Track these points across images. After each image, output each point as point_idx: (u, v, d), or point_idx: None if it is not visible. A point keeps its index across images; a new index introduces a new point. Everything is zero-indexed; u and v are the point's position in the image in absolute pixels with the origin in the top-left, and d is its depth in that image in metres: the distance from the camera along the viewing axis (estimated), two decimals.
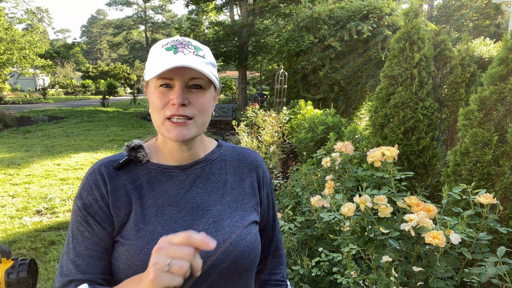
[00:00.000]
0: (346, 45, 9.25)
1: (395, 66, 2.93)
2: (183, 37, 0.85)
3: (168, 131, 0.81)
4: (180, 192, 0.87)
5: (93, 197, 0.84)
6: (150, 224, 0.82)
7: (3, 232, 3.99)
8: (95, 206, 0.84)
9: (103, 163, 0.88)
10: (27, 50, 21.62)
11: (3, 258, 1.06)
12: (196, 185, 0.89)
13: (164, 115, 0.81)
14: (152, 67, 0.81)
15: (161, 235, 0.79)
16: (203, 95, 0.83)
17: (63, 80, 39.15)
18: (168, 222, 0.83)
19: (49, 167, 6.84)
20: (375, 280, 1.36)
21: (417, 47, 2.91)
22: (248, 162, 0.99)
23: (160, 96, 0.81)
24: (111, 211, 0.83)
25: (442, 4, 28.11)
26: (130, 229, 0.82)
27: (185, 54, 0.80)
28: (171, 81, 0.80)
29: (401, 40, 2.96)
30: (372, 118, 3.07)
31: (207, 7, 21.47)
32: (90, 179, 0.86)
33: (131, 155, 0.88)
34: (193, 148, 0.90)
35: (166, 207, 0.85)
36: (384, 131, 2.96)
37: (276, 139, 6.04)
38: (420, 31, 2.93)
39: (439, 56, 3.31)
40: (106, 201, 0.84)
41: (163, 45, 0.83)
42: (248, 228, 0.90)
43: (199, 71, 0.79)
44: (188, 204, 0.86)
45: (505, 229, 1.24)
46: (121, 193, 0.85)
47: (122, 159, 0.88)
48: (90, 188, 0.85)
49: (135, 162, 0.89)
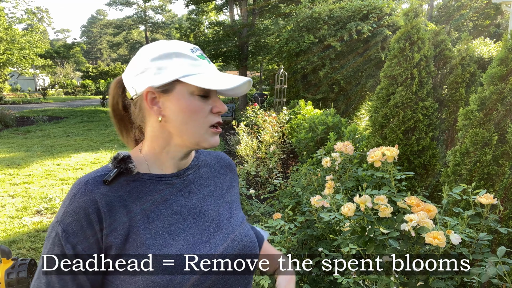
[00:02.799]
0: (346, 45, 9.25)
1: (395, 66, 2.93)
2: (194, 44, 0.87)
3: (209, 139, 0.82)
4: (180, 200, 0.85)
5: (83, 223, 0.73)
6: (159, 237, 0.77)
7: (3, 232, 3.99)
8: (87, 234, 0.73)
9: (88, 180, 0.76)
10: (27, 50, 21.62)
11: (3, 258, 1.06)
12: (192, 190, 0.88)
13: (209, 123, 0.81)
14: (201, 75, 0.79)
15: (172, 246, 0.78)
16: None
17: (63, 80, 39.14)
18: (177, 232, 0.80)
19: (49, 167, 6.84)
20: (375, 280, 1.36)
21: (417, 47, 2.91)
22: (226, 164, 1.03)
23: (202, 104, 0.80)
24: (106, 236, 0.74)
25: (442, 4, 28.11)
26: (137, 247, 0.75)
27: (210, 63, 0.83)
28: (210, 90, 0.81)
29: (401, 40, 2.96)
30: (372, 118, 3.07)
31: (207, 7, 21.47)
32: (75, 201, 0.74)
33: (121, 167, 0.79)
34: (189, 156, 0.90)
35: (171, 216, 0.81)
36: (384, 131, 2.96)
37: (276, 139, 6.04)
38: (420, 31, 2.93)
39: (439, 56, 3.31)
40: (101, 227, 0.73)
41: (192, 49, 0.82)
42: (246, 225, 0.94)
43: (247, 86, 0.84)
44: (190, 210, 0.85)
45: (505, 229, 1.24)
46: (117, 212, 0.75)
47: (111, 173, 0.78)
48: (78, 213, 0.73)
49: (125, 175, 0.80)
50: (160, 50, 0.80)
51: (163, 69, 0.78)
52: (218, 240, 0.84)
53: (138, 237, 0.75)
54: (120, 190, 0.78)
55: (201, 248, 0.80)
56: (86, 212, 0.73)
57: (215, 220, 0.87)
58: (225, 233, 0.87)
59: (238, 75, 6.50)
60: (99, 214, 0.73)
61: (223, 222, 0.88)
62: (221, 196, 0.94)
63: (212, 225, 0.86)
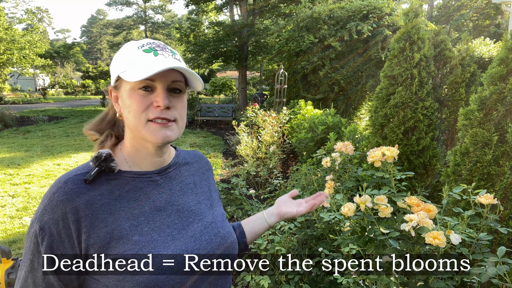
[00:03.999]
0: (346, 45, 9.25)
1: (395, 66, 2.93)
2: (157, 40, 0.85)
3: (152, 133, 0.78)
4: (163, 196, 0.85)
5: (59, 222, 0.72)
6: (145, 234, 0.78)
7: (3, 232, 3.98)
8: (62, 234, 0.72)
9: (68, 178, 0.77)
10: (27, 50, 21.60)
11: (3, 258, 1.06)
12: (174, 188, 0.89)
13: (146, 118, 0.78)
14: (133, 69, 0.77)
15: (159, 242, 0.78)
16: (182, 99, 0.84)
17: (63, 80, 39.13)
18: (161, 228, 0.81)
19: (49, 167, 6.84)
20: (375, 280, 1.36)
21: (417, 47, 2.91)
22: (204, 163, 1.06)
23: (141, 99, 0.78)
24: (87, 236, 0.73)
25: (442, 4, 28.10)
26: (124, 244, 0.75)
27: (165, 57, 0.79)
28: (153, 82, 0.78)
29: (401, 40, 2.96)
30: (372, 118, 3.07)
31: (207, 7, 21.46)
32: (54, 199, 0.74)
33: (102, 166, 0.79)
34: (166, 153, 0.90)
35: (155, 213, 0.82)
36: (384, 131, 2.96)
37: (276, 139, 6.04)
38: (420, 31, 2.93)
39: (439, 56, 3.31)
40: (79, 226, 0.73)
41: (138, 47, 0.81)
42: (226, 221, 0.97)
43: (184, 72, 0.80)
44: (174, 207, 0.86)
45: (505, 229, 1.24)
46: (99, 211, 0.75)
47: (92, 171, 0.78)
48: (55, 212, 0.73)
49: (106, 173, 0.80)
50: (118, 52, 0.85)
51: (114, 69, 0.82)
52: (203, 235, 0.86)
53: (124, 234, 0.76)
54: (101, 188, 0.78)
55: (187, 244, 0.82)
56: (64, 212, 0.73)
57: (197, 216, 0.89)
58: (209, 228, 0.89)
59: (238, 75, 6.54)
60: (77, 214, 0.73)
61: (205, 218, 0.90)
62: (201, 193, 0.96)
63: (195, 221, 0.88)
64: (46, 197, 0.76)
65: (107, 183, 0.80)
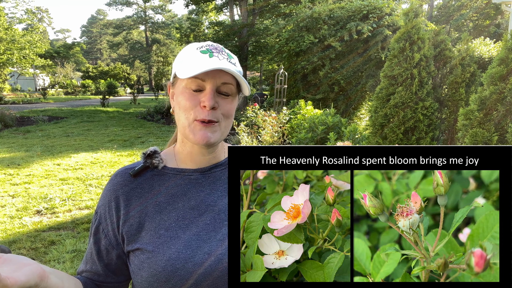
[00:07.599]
0: (346, 45, 9.25)
1: (395, 66, 2.93)
2: (216, 43, 0.86)
3: (193, 132, 0.80)
4: (200, 195, 0.85)
5: (106, 208, 0.86)
6: (171, 229, 0.81)
7: (3, 232, 3.99)
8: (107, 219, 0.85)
9: (119, 172, 0.89)
10: (27, 50, 21.62)
11: None
12: (217, 188, 0.87)
13: (194, 117, 0.80)
14: (186, 67, 0.80)
15: (183, 240, 0.79)
16: (231, 101, 0.84)
17: (63, 80, 39.16)
18: (189, 227, 0.81)
19: (49, 167, 6.84)
20: None
21: (417, 47, 2.91)
22: None
23: (190, 97, 0.80)
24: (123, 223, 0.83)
25: (442, 4, 28.11)
26: (151, 236, 0.81)
27: (220, 59, 0.80)
28: (203, 82, 0.79)
29: (401, 40, 2.96)
30: (372, 118, 3.07)
31: (207, 7, 21.48)
32: (106, 189, 0.88)
33: (147, 162, 0.88)
34: (214, 152, 0.89)
35: (187, 210, 0.83)
36: (384, 131, 2.96)
37: (276, 139, 6.04)
38: (420, 31, 2.93)
39: (439, 56, 3.31)
40: (119, 214, 0.84)
41: (197, 48, 0.83)
42: None
43: (234, 75, 0.80)
44: (209, 207, 0.84)
45: None
46: (134, 203, 0.84)
47: (137, 167, 0.87)
48: (104, 198, 0.87)
49: (151, 169, 0.88)
50: (180, 51, 0.88)
51: (173, 66, 0.87)
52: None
53: (152, 227, 0.82)
54: (144, 182, 0.86)
55: (212, 247, 0.80)
56: (109, 199, 0.86)
57: None
58: None
59: None
60: (117, 203, 0.85)
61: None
62: None
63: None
64: (105, 187, 0.89)
65: (151, 178, 0.87)
